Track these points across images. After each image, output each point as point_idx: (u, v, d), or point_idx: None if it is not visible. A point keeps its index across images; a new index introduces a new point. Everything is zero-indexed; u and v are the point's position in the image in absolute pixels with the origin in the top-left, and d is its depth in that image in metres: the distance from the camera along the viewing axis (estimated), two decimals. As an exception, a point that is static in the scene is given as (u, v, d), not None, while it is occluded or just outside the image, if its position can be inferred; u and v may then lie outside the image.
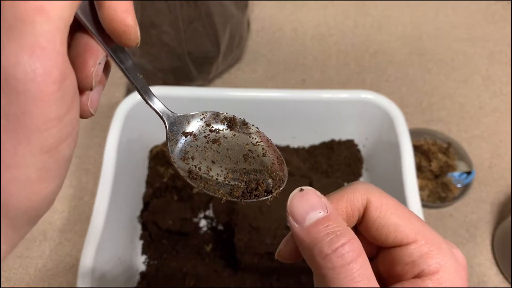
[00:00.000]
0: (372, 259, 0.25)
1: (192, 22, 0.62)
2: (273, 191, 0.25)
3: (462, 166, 0.62)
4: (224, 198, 0.24)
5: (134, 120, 0.55)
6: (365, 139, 0.62)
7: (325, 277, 0.21)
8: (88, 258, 0.44)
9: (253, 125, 0.27)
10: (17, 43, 0.17)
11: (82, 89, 0.22)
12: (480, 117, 0.70)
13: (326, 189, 0.24)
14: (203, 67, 0.68)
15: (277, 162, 0.26)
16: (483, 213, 0.60)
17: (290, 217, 0.23)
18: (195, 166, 0.25)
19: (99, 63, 0.22)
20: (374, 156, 0.61)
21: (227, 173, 0.25)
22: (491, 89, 0.73)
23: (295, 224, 0.22)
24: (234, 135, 0.26)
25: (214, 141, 0.26)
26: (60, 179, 0.20)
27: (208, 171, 0.25)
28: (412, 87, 0.73)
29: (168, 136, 0.25)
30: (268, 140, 0.26)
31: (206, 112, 0.27)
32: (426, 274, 0.22)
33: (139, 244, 0.57)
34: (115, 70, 0.25)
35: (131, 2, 0.21)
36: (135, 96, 0.56)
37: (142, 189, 0.60)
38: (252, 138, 0.27)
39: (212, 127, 0.26)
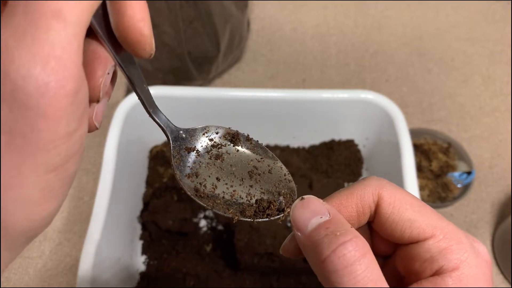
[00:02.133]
0: (389, 257, 0.25)
1: (192, 22, 0.62)
2: (285, 209, 0.24)
3: (462, 166, 0.62)
4: (236, 217, 0.23)
5: (134, 120, 0.55)
6: (365, 139, 0.62)
7: (327, 281, 0.20)
8: (88, 258, 0.44)
9: (257, 140, 0.26)
10: (29, 51, 0.15)
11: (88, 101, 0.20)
12: (480, 117, 0.69)
13: (326, 189, 0.23)
14: (203, 67, 0.68)
15: (285, 179, 0.25)
16: (483, 213, 0.60)
17: (293, 228, 0.22)
18: (200, 183, 0.24)
19: (108, 73, 0.20)
20: (374, 156, 0.61)
21: (233, 191, 0.24)
22: (491, 89, 0.73)
23: (298, 233, 0.21)
24: (238, 151, 0.26)
25: (217, 157, 0.25)
26: (62, 197, 0.19)
27: (214, 188, 0.24)
28: (412, 87, 0.73)
29: (172, 152, 0.24)
30: (273, 157, 0.26)
31: (208, 126, 0.26)
32: (445, 271, 0.20)
33: (139, 244, 0.57)
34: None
35: (148, 10, 0.19)
36: (135, 96, 0.56)
37: (142, 189, 0.60)
38: (256, 154, 0.26)
39: (215, 142, 0.25)
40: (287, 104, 0.58)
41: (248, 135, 0.26)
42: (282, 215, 0.24)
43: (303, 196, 0.22)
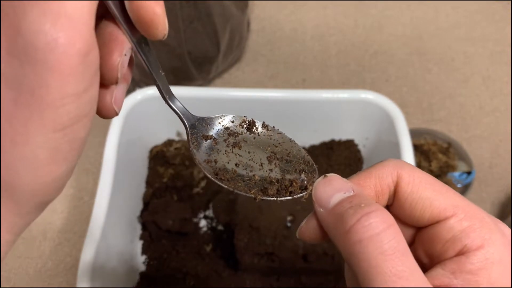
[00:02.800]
0: (409, 245, 0.24)
1: (192, 22, 0.62)
2: (308, 186, 0.24)
3: (462, 166, 0.62)
4: (258, 197, 0.23)
5: (134, 120, 0.55)
6: (365, 139, 0.62)
7: (352, 255, 0.19)
8: (87, 258, 0.44)
9: (273, 126, 0.26)
10: (40, 8, 0.16)
11: (106, 83, 0.20)
12: (481, 117, 0.69)
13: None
14: (203, 67, 0.68)
15: (304, 160, 0.25)
16: (483, 213, 0.60)
17: (315, 204, 0.22)
18: (219, 169, 0.24)
19: (125, 55, 0.20)
20: (374, 156, 0.61)
21: (254, 176, 0.24)
22: (491, 89, 0.73)
23: (320, 209, 0.21)
24: (254, 138, 0.26)
25: (235, 145, 0.25)
26: (72, 162, 0.19)
27: (234, 173, 0.24)
28: (412, 87, 0.73)
29: (190, 138, 0.25)
30: (290, 141, 0.26)
31: (224, 115, 0.26)
32: (470, 250, 0.19)
33: (139, 244, 0.57)
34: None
35: None
36: (135, 96, 0.56)
37: (142, 189, 0.60)
38: (273, 140, 0.26)
39: (231, 130, 0.26)
40: (287, 104, 0.58)
41: (264, 122, 0.26)
42: (305, 193, 0.23)
43: (326, 174, 0.22)
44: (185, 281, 0.53)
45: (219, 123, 0.26)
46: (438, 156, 0.62)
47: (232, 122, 0.26)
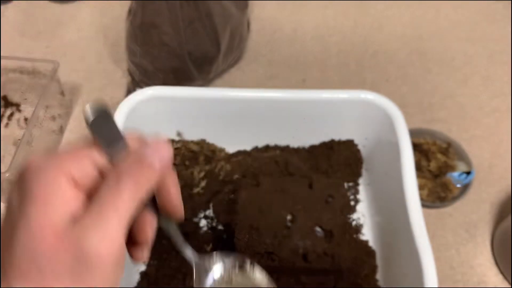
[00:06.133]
0: None
1: (192, 22, 0.62)
2: None
3: (462, 166, 0.62)
4: None
5: (134, 120, 0.55)
6: (365, 139, 0.62)
7: None
8: (88, 258, 0.44)
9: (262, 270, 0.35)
10: (96, 232, 0.23)
11: (140, 245, 0.31)
12: (481, 117, 0.70)
13: (326, 189, 0.23)
14: (203, 67, 0.68)
15: None
16: (483, 213, 0.60)
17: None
18: None
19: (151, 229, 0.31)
20: (374, 156, 0.61)
21: None
22: (491, 89, 0.73)
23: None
24: (243, 276, 0.35)
25: (227, 283, 0.34)
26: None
27: None
28: (412, 87, 0.73)
29: (195, 278, 0.35)
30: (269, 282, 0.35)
31: (218, 255, 0.35)
32: None
33: (139, 244, 0.57)
34: (115, 68, 0.24)
35: (179, 193, 0.31)
36: (135, 96, 0.56)
37: (142, 189, 0.60)
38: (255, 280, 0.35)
39: (231, 277, 0.35)
40: (287, 104, 0.58)
41: (251, 262, 0.35)
42: None
43: None
44: (185, 281, 0.53)
45: (217, 262, 0.36)
46: (437, 156, 0.62)
47: (233, 266, 0.36)
